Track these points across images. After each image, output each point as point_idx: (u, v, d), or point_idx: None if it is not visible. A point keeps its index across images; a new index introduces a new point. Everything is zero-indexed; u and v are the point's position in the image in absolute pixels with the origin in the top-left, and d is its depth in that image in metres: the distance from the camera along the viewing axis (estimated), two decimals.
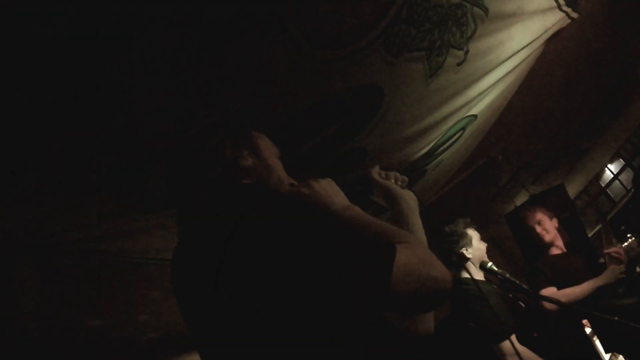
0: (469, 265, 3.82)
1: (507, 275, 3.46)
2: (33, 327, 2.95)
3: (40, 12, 1.69)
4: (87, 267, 3.05)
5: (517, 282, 3.36)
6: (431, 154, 4.38)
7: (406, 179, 2.06)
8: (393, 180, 2.02)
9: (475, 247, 3.88)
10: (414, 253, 1.37)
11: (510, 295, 4.07)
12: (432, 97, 3.38)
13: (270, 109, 2.61)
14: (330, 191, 1.72)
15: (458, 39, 2.98)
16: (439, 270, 1.37)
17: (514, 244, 6.19)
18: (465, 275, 3.74)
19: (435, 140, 4.17)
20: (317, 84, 2.68)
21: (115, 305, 3.38)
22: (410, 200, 1.94)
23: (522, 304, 4.19)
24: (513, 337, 3.49)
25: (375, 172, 2.05)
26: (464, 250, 3.84)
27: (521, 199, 6.87)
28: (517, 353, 3.11)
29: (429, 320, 1.90)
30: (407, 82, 3.05)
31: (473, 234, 4.00)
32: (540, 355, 3.59)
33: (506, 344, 3.42)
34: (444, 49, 2.98)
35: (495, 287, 3.87)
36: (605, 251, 4.26)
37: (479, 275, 3.81)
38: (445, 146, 4.42)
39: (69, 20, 1.74)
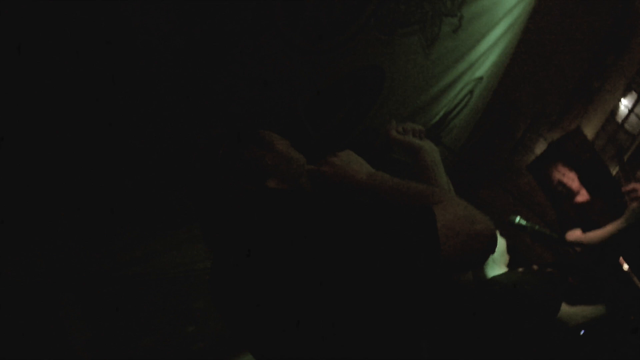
0: (492, 260, 3.72)
1: (537, 227, 3.35)
2: (87, 358, 2.95)
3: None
4: (131, 290, 3.05)
5: (547, 232, 3.26)
6: (442, 122, 4.29)
7: (423, 129, 1.92)
8: (411, 134, 1.88)
9: (497, 242, 3.73)
10: (452, 211, 1.29)
11: (535, 267, 3.95)
12: (434, 67, 3.28)
13: (275, 104, 2.55)
14: (351, 162, 1.64)
15: (449, 6, 2.88)
16: (481, 222, 1.28)
17: (539, 193, 6.07)
18: (490, 273, 3.65)
19: (445, 109, 4.08)
20: (316, 75, 2.61)
21: (164, 320, 3.37)
22: (432, 151, 1.83)
23: (553, 270, 4.06)
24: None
25: (393, 129, 1.90)
26: None
27: (540, 147, 6.73)
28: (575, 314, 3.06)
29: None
30: (405, 57, 2.96)
31: None
32: (583, 298, 3.51)
33: (563, 315, 3.34)
34: (437, 19, 2.89)
35: (520, 271, 3.77)
36: (624, 189, 4.12)
37: (501, 269, 3.70)
38: (455, 112, 4.33)
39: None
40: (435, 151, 1.85)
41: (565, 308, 3.32)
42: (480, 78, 4.17)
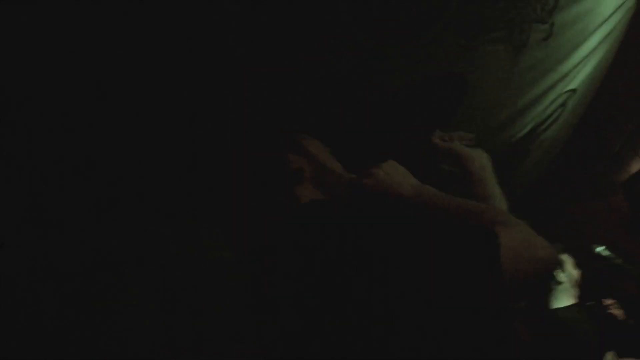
0: (560, 290, 3.44)
1: (620, 261, 3.06)
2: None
3: None
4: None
5: (630, 268, 2.96)
6: (532, 135, 3.97)
7: (472, 136, 1.77)
8: (457, 141, 1.75)
9: (569, 272, 3.48)
10: (514, 234, 1.13)
11: (608, 302, 3.63)
12: (521, 77, 2.99)
13: (341, 114, 2.37)
14: (396, 175, 1.48)
15: (539, 12, 2.59)
16: (543, 248, 1.12)
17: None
18: (556, 303, 3.37)
19: (534, 122, 3.76)
20: (390, 82, 2.41)
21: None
22: (480, 159, 1.68)
23: (616, 313, 3.68)
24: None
25: (437, 137, 1.80)
26: (557, 274, 3.46)
27: (636, 165, 6.25)
28: None
29: None
30: (490, 65, 2.70)
31: (567, 259, 3.60)
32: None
33: None
34: (526, 26, 2.61)
35: (585, 306, 3.47)
36: None
37: (568, 301, 3.42)
38: (545, 125, 4.00)
39: None
40: (486, 159, 1.69)
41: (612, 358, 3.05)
42: (574, 90, 3.83)
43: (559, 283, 3.41)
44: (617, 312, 3.61)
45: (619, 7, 3.15)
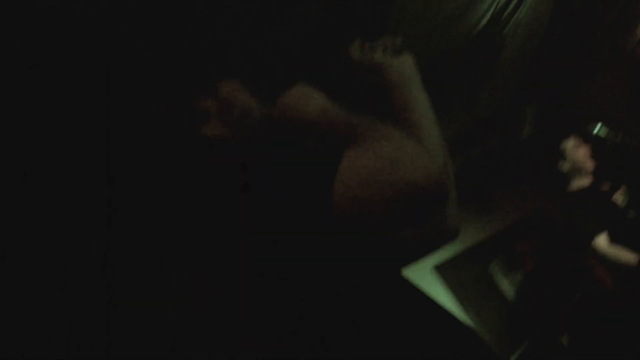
0: (569, 176, 3.28)
1: (619, 138, 2.89)
2: None
3: None
4: None
5: (629, 146, 2.81)
6: (499, 19, 3.67)
7: (398, 40, 1.58)
8: (380, 50, 1.57)
9: (573, 158, 3.29)
10: (376, 153, 1.05)
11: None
12: None
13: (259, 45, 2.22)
14: (302, 100, 1.40)
15: None
16: (414, 167, 1.03)
17: None
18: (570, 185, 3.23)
19: (494, 6, 3.48)
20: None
21: None
22: (401, 66, 1.49)
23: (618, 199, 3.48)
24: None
25: (355, 50, 1.61)
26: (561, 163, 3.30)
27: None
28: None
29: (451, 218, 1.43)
30: None
31: (572, 143, 3.41)
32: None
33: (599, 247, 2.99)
34: None
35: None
36: None
37: (580, 186, 3.27)
38: (511, 7, 3.69)
39: None
40: (409, 67, 1.51)
41: (603, 242, 2.93)
42: None
43: (564, 171, 3.31)
44: (619, 197, 3.42)
45: None
